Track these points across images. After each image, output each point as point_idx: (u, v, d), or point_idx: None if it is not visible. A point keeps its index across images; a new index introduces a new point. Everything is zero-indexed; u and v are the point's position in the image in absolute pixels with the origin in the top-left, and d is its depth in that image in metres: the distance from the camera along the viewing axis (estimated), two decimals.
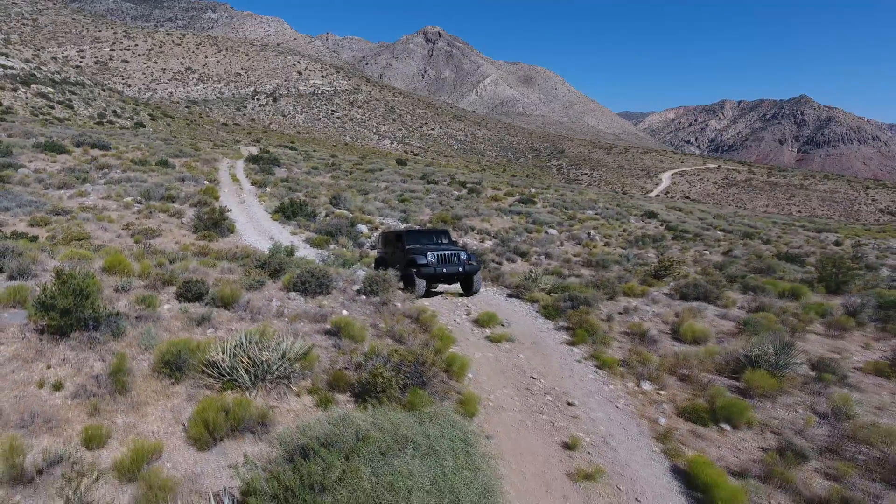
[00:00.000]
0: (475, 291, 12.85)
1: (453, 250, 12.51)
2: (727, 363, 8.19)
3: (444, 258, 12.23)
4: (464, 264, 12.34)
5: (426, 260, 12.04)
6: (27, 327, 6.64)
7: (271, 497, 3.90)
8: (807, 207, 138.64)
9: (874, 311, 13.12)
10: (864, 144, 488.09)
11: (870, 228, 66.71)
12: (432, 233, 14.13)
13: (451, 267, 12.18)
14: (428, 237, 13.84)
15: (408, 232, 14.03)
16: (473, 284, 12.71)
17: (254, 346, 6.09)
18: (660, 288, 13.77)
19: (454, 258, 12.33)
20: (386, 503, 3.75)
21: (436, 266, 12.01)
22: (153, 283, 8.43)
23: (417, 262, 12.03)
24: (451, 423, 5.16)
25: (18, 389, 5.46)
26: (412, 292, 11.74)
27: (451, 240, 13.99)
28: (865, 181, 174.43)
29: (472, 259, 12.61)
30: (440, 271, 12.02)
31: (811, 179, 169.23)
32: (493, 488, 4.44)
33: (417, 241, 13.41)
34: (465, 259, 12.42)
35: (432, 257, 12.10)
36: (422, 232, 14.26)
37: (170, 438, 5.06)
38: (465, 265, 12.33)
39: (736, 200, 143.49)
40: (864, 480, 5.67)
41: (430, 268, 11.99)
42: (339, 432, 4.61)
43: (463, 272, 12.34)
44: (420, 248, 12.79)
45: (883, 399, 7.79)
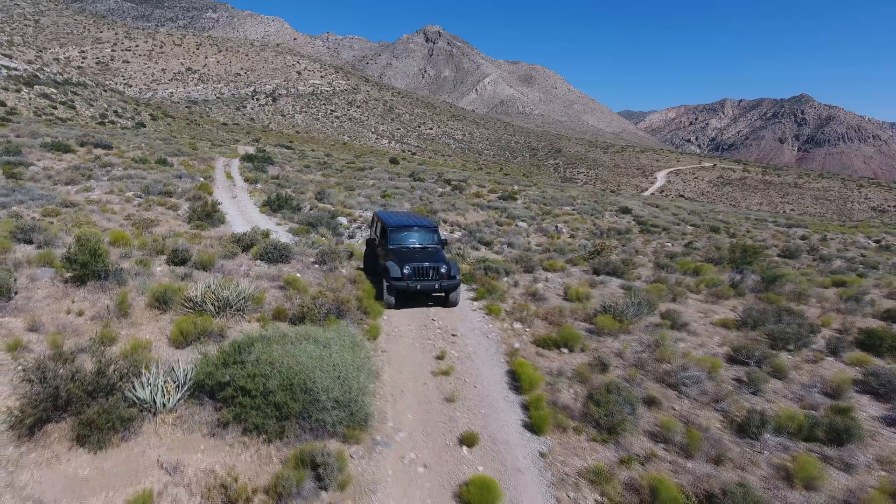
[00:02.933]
0: (452, 304, 11.51)
1: (433, 262, 11.07)
2: (593, 314, 10.62)
3: (421, 271, 10.90)
4: (442, 279, 11.02)
5: (400, 273, 10.78)
6: (56, 278, 9.10)
7: (219, 362, 6.33)
8: (800, 206, 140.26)
9: (757, 284, 15.55)
10: (865, 143, 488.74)
11: (844, 224, 68.84)
12: (422, 228, 12.41)
13: (427, 283, 10.89)
14: (416, 234, 12.23)
15: (394, 226, 12.20)
16: (450, 299, 11.42)
17: (219, 288, 8.54)
18: (582, 266, 16.21)
19: (432, 272, 10.97)
20: (285, 363, 6.17)
21: (409, 281, 10.77)
22: (148, 252, 10.90)
23: (390, 274, 10.85)
24: (349, 332, 7.57)
25: (53, 314, 7.91)
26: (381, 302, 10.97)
27: (438, 240, 12.44)
28: (859, 180, 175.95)
29: (452, 271, 11.20)
30: (413, 287, 10.79)
31: (805, 178, 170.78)
32: (365, 367, 6.85)
33: (402, 241, 11.99)
34: (444, 272, 11.04)
35: (408, 269, 10.80)
36: (411, 227, 12.31)
37: (157, 341, 7.47)
38: (442, 280, 11.02)
39: (730, 199, 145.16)
40: (644, 378, 8.10)
41: (402, 282, 10.77)
42: (267, 333, 7.05)
43: (439, 289, 11.10)
44: (401, 250, 11.59)
45: (708, 340, 10.22)
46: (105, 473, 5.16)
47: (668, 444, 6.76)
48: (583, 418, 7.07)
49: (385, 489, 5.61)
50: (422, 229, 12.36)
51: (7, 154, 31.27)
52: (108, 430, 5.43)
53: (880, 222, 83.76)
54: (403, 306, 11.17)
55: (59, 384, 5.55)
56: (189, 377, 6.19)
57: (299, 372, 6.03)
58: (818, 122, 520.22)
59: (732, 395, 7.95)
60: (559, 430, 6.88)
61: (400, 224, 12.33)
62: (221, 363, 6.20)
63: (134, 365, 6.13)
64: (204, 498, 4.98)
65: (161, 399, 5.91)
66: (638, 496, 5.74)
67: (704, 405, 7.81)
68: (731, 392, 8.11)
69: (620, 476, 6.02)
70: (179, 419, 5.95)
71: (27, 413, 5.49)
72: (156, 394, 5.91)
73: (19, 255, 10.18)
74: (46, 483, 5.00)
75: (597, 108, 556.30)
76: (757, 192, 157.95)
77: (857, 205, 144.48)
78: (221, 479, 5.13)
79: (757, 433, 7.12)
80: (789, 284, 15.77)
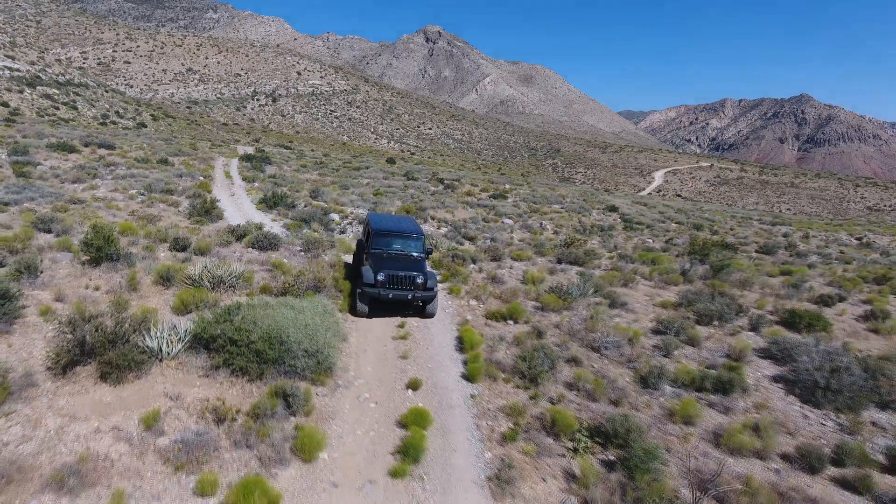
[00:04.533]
0: (429, 316, 10.96)
1: (409, 271, 10.55)
2: (543, 293, 12.14)
3: (395, 280, 10.39)
4: (417, 288, 10.45)
5: (373, 278, 10.33)
6: (74, 261, 10.63)
7: (213, 320, 7.86)
8: (796, 205, 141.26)
9: (707, 273, 17.08)
10: (865, 143, 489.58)
11: (830, 222, 70.22)
12: (407, 235, 11.80)
13: (400, 293, 10.35)
14: (401, 240, 11.66)
15: (378, 230, 11.68)
16: (426, 310, 10.88)
17: (214, 268, 10.07)
18: (549, 256, 17.74)
19: (407, 281, 10.43)
20: (266, 321, 7.70)
21: (382, 289, 10.29)
22: (153, 240, 12.43)
23: (363, 280, 10.46)
24: (321, 303, 9.11)
25: (74, 288, 9.44)
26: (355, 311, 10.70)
27: (422, 248, 11.78)
28: (856, 179, 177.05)
29: (429, 282, 10.57)
30: (385, 295, 10.30)
31: (802, 178, 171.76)
32: (332, 328, 8.39)
33: (385, 246, 11.47)
34: (420, 283, 10.44)
35: (382, 276, 10.31)
36: (396, 232, 11.74)
37: (162, 309, 8.99)
38: (417, 290, 10.45)
39: (727, 198, 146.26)
40: (573, 343, 9.62)
41: (375, 289, 10.31)
42: (253, 301, 8.58)
43: (412, 300, 10.60)
44: (381, 255, 11.15)
45: (643, 316, 11.74)
46: (123, 400, 6.69)
47: (578, 390, 8.28)
48: (511, 371, 8.61)
49: (342, 417, 7.15)
50: (407, 236, 11.73)
51: (16, 154, 32.79)
52: (124, 369, 6.96)
53: (866, 220, 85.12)
54: (378, 316, 10.78)
55: (86, 334, 7.07)
56: (188, 332, 7.72)
57: (276, 328, 7.57)
58: (818, 122, 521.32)
59: (644, 357, 9.48)
60: (490, 379, 8.41)
61: (385, 229, 11.75)
62: (214, 321, 7.74)
63: (144, 322, 7.67)
64: (199, 416, 6.52)
65: (166, 348, 7.44)
66: (541, 423, 7.27)
67: (620, 364, 9.33)
68: (644, 354, 9.63)
69: (531, 411, 7.55)
70: (181, 364, 7.49)
71: (61, 356, 7.01)
72: (162, 344, 7.44)
73: (41, 241, 11.75)
74: (78, 406, 6.53)
75: (597, 108, 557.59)
76: (754, 191, 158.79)
77: (853, 204, 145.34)
78: (213, 405, 6.66)
79: (656, 384, 8.64)
80: (737, 273, 17.30)
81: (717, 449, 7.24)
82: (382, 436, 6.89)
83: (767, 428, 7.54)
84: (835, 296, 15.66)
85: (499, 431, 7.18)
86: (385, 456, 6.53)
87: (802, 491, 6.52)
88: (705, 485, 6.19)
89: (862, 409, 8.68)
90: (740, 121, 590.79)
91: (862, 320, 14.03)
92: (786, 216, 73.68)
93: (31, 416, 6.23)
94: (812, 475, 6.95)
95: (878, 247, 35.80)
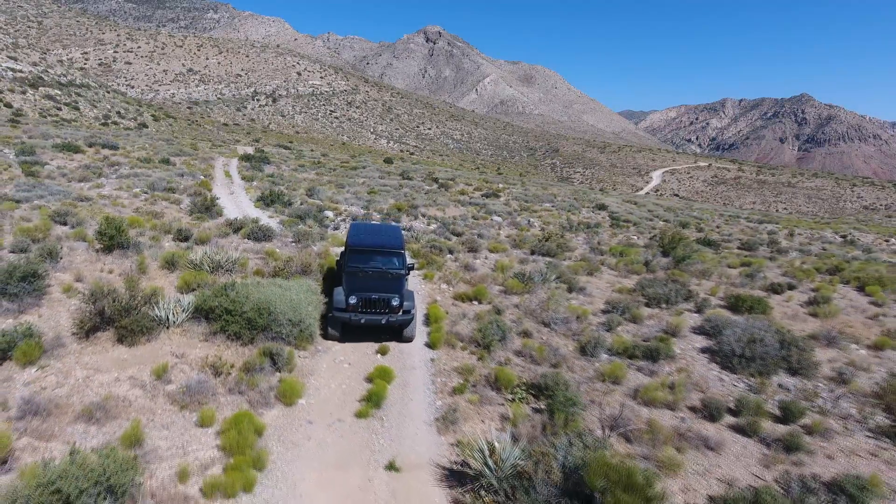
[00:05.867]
0: (406, 340, 10.21)
1: (383, 293, 9.84)
2: (508, 279, 13.53)
3: (368, 303, 9.73)
4: (393, 312, 9.77)
5: (344, 303, 9.69)
6: (89, 249, 12.04)
7: (211, 295, 9.25)
8: (793, 204, 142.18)
9: (669, 263, 18.44)
10: (865, 143, 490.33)
11: (818, 221, 71.47)
12: (385, 251, 11.12)
13: (373, 317, 9.69)
14: (379, 257, 10.98)
15: (355, 247, 11.04)
16: (404, 334, 10.12)
17: (213, 254, 11.48)
18: (524, 249, 19.13)
19: (382, 304, 9.75)
20: (256, 297, 9.09)
21: (353, 313, 9.67)
22: (158, 232, 13.84)
23: (334, 304, 9.82)
24: (306, 283, 10.49)
25: (91, 271, 10.85)
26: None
27: (402, 264, 11.05)
28: (853, 179, 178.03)
29: (405, 304, 9.91)
30: (356, 321, 9.67)
31: (799, 177, 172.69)
32: (314, 303, 9.78)
33: (362, 263, 10.79)
34: (396, 305, 9.76)
35: (354, 300, 9.68)
36: (374, 249, 11.07)
37: (168, 288, 10.38)
38: (391, 314, 9.77)
39: (724, 198, 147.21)
40: (528, 320, 11.01)
41: (347, 313, 9.67)
42: (246, 281, 9.99)
43: (386, 325, 9.87)
44: (356, 274, 10.47)
45: (598, 299, 13.12)
46: (137, 357, 8.09)
47: (524, 356, 9.67)
48: (469, 341, 10.00)
49: (319, 374, 8.55)
50: (386, 252, 11.05)
51: (23, 154, 34.19)
52: (137, 333, 8.36)
53: (855, 219, 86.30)
54: (350, 341, 10.06)
55: (105, 305, 8.46)
56: (190, 304, 9.12)
57: (265, 301, 8.96)
58: (818, 122, 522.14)
59: (588, 331, 10.86)
60: (449, 346, 9.81)
61: (362, 245, 11.07)
62: (213, 295, 9.14)
63: (153, 297, 9.07)
64: (200, 369, 7.92)
65: (172, 317, 8.84)
66: (487, 380, 8.67)
67: (566, 337, 10.72)
68: (589, 329, 11.01)
69: (480, 371, 8.94)
70: (184, 330, 8.89)
71: (85, 323, 8.41)
72: (168, 314, 8.84)
73: (59, 232, 13.16)
74: (100, 361, 7.92)
75: (597, 108, 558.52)
76: (751, 191, 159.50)
77: (850, 203, 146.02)
78: (212, 361, 8.05)
79: (594, 352, 10.03)
80: (698, 264, 18.68)
81: (634, 401, 8.62)
82: (352, 388, 8.29)
83: (680, 386, 8.92)
84: (785, 284, 17.06)
85: (450, 386, 8.58)
86: (353, 403, 7.93)
87: (698, 432, 7.89)
88: (614, 425, 7.57)
89: (772, 374, 10.06)
90: (740, 121, 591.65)
91: (806, 305, 15.42)
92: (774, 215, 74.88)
93: (62, 369, 7.62)
94: (712, 422, 8.33)
95: (862, 244, 37.11)
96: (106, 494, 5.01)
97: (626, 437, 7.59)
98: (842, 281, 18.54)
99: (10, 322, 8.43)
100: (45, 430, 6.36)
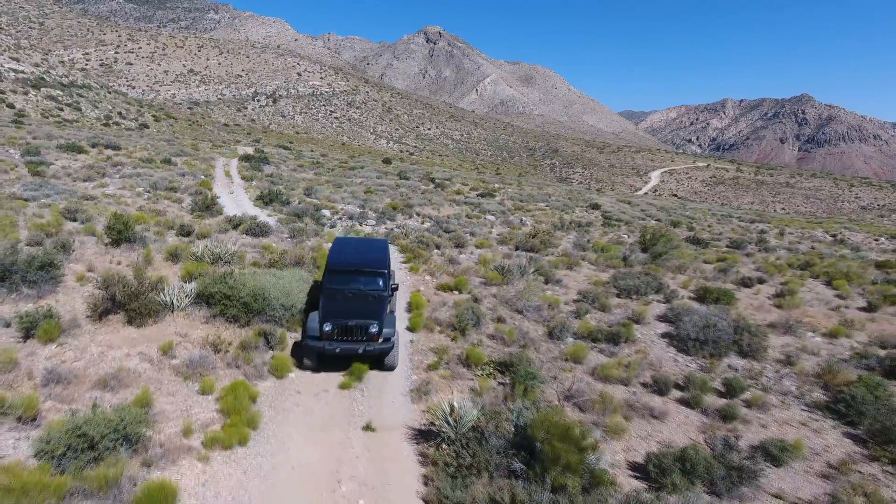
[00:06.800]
0: (388, 369, 9.46)
1: (361, 319, 9.17)
2: (491, 272, 14.52)
3: (345, 330, 9.08)
4: (371, 340, 9.10)
5: (318, 330, 9.05)
6: (98, 242, 13.02)
7: (212, 282, 10.22)
8: (791, 205, 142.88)
9: (647, 259, 19.35)
10: (865, 143, 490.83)
11: (811, 220, 72.40)
12: (367, 273, 10.41)
13: (350, 346, 9.04)
14: (360, 278, 10.30)
15: (334, 267, 10.31)
16: (385, 363, 9.38)
17: (213, 247, 12.47)
18: (509, 245, 20.11)
19: (359, 331, 9.08)
20: (252, 284, 10.06)
21: (328, 342, 9.04)
22: (162, 227, 14.83)
23: (308, 331, 9.18)
24: (298, 273, 11.46)
25: (101, 263, 11.83)
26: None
27: (385, 285, 10.28)
28: (851, 179, 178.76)
29: (385, 332, 9.18)
30: (332, 350, 9.02)
31: (797, 178, 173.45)
32: (306, 290, 10.74)
33: (341, 284, 10.09)
34: (374, 333, 9.09)
35: (329, 327, 9.04)
36: (355, 270, 10.40)
37: (172, 277, 11.37)
38: (369, 343, 9.10)
39: (722, 198, 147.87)
40: (503, 308, 11.98)
41: (320, 342, 9.03)
42: (242, 273, 10.97)
43: (362, 353, 9.11)
44: (335, 296, 9.77)
45: (573, 291, 14.06)
46: (145, 336, 9.06)
47: (496, 339, 10.64)
48: (446, 325, 10.97)
49: None
50: (369, 273, 10.35)
51: (28, 154, 35.18)
52: (145, 315, 9.33)
53: (847, 219, 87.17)
54: (327, 370, 9.28)
55: (116, 290, 9.43)
56: (193, 290, 10.10)
57: (260, 288, 9.94)
58: (819, 122, 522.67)
59: (558, 317, 11.82)
60: (427, 330, 10.78)
61: (343, 265, 10.37)
62: (213, 283, 10.11)
63: (159, 284, 10.04)
64: (201, 347, 8.89)
65: (176, 302, 9.81)
66: (459, 358, 9.64)
67: (537, 322, 11.69)
68: (559, 316, 11.98)
69: (454, 351, 9.91)
70: (187, 314, 9.87)
71: (98, 307, 9.38)
72: (173, 299, 9.81)
73: (69, 227, 14.14)
74: (112, 339, 8.90)
75: (597, 109, 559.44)
76: (749, 191, 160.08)
77: (848, 204, 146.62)
78: (212, 339, 9.02)
79: (560, 336, 10.99)
80: (675, 260, 19.64)
81: (592, 378, 9.58)
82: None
83: (634, 365, 9.89)
84: (755, 279, 18.02)
85: (426, 363, 9.55)
86: (338, 377, 8.91)
87: (646, 404, 8.85)
88: (569, 395, 8.53)
89: (723, 356, 11.02)
90: (741, 121, 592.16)
91: (773, 298, 16.36)
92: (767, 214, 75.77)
93: (79, 346, 8.59)
94: (660, 395, 9.29)
95: (851, 243, 38.04)
96: (123, 441, 5.98)
97: (580, 406, 8.55)
98: (812, 276, 19.49)
99: (30, 305, 9.39)
100: (66, 395, 7.33)
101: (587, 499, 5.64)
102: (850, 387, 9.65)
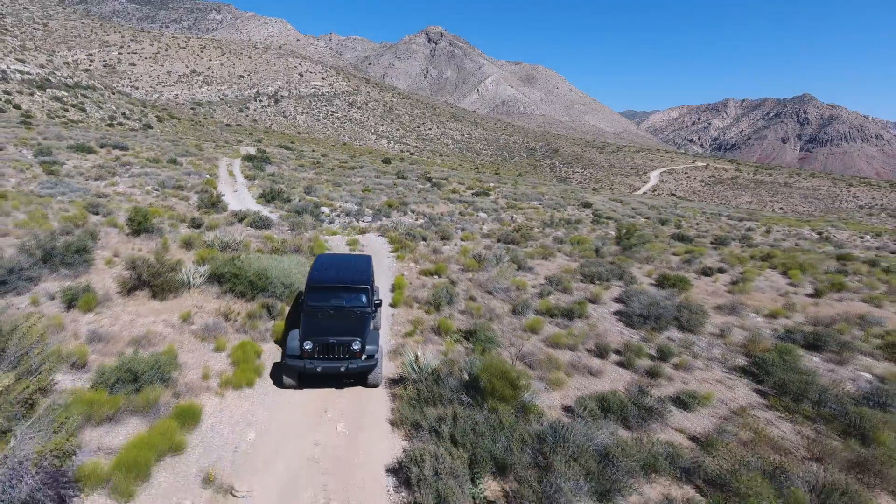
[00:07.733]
0: (371, 386, 9.19)
1: (343, 336, 9.00)
2: (469, 260, 16.27)
3: (326, 348, 8.88)
4: (353, 358, 8.90)
5: (298, 349, 8.83)
6: (120, 233, 14.82)
7: (222, 263, 11.98)
8: (789, 204, 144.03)
9: (618, 251, 20.96)
10: (867, 143, 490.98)
11: (799, 219, 73.93)
12: (348, 289, 10.22)
13: (331, 364, 8.78)
14: (342, 294, 10.13)
15: (314, 284, 10.12)
16: (367, 380, 9.11)
17: (222, 236, 14.26)
18: (492, 239, 21.86)
19: (341, 348, 8.89)
20: (256, 266, 11.82)
21: (309, 362, 8.78)
22: (176, 220, 16.65)
23: (287, 349, 8.91)
24: (296, 257, 13.25)
25: (124, 250, 13.64)
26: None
27: (368, 301, 10.13)
28: (849, 179, 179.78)
29: (367, 349, 9.01)
30: (312, 368, 8.74)
31: (796, 177, 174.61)
32: (303, 271, 12.51)
33: (322, 300, 9.94)
34: (356, 350, 8.90)
35: (310, 345, 8.82)
36: (336, 286, 10.21)
37: (187, 262, 13.20)
38: (351, 361, 8.88)
39: (721, 197, 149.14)
40: (476, 289, 13.72)
41: (301, 361, 8.78)
42: (248, 257, 12.75)
43: (344, 372, 8.86)
44: (315, 314, 9.64)
45: (542, 276, 15.77)
46: (167, 307, 10.83)
47: (466, 314, 12.38)
48: (424, 302, 12.73)
49: None
50: (350, 289, 10.17)
51: (41, 154, 37.01)
52: (167, 291, 11.09)
53: (836, 218, 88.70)
54: (309, 386, 9.11)
55: (141, 270, 11.19)
56: (206, 271, 11.86)
57: (263, 268, 11.69)
58: (821, 122, 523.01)
59: (522, 297, 13.55)
60: (407, 306, 12.54)
61: (323, 281, 10.19)
62: (223, 265, 11.88)
63: (177, 265, 11.81)
64: (215, 316, 10.65)
65: (192, 280, 11.57)
66: (432, 328, 11.39)
67: (504, 301, 13.42)
68: (524, 296, 13.70)
69: (427, 322, 11.66)
70: (202, 291, 11.63)
71: (126, 284, 11.14)
72: (189, 278, 11.57)
73: (94, 220, 15.93)
74: (140, 310, 10.66)
75: (598, 109, 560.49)
76: (748, 190, 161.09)
77: (845, 203, 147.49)
78: (223, 310, 10.79)
79: (523, 312, 12.71)
80: (644, 252, 21.34)
81: (544, 344, 11.31)
82: None
83: (582, 334, 11.60)
84: (716, 268, 19.71)
85: (403, 332, 11.30)
86: None
87: (586, 364, 10.57)
88: (520, 356, 10.26)
89: (664, 330, 12.72)
90: (743, 121, 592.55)
91: (729, 285, 18.03)
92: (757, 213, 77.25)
93: (113, 315, 10.35)
94: (600, 359, 11.01)
95: (836, 240, 39.65)
96: (158, 377, 7.73)
97: (530, 364, 10.26)
98: (770, 267, 21.18)
99: (69, 283, 11.16)
100: (106, 350, 9.08)
101: (516, 420, 7.36)
102: (765, 353, 11.36)
